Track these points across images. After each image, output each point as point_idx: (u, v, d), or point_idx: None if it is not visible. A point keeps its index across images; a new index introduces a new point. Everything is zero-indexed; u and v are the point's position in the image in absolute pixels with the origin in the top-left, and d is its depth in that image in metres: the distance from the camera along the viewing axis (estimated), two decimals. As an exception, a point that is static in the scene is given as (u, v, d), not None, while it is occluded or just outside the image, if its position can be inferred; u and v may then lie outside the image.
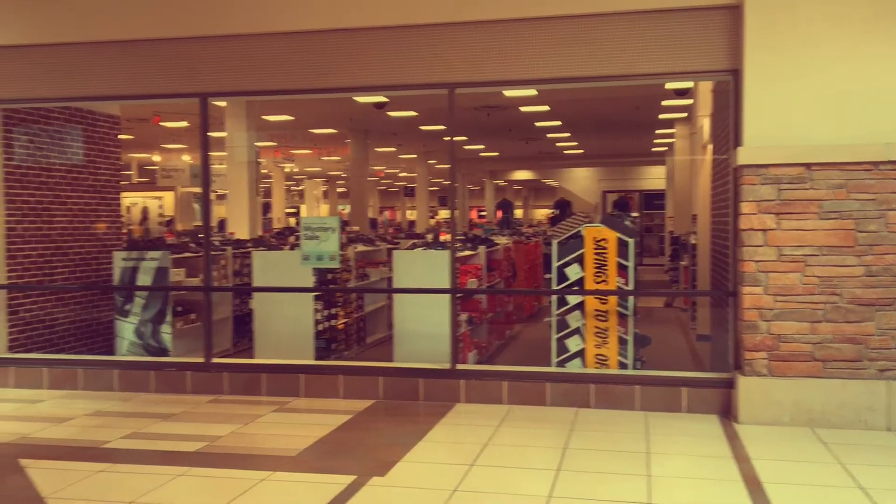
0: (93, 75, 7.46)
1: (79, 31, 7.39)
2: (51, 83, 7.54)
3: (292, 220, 34.85)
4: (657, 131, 19.77)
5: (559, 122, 18.25)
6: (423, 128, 18.78)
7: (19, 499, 4.61)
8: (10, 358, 7.81)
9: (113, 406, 6.95)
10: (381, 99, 12.81)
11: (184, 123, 16.62)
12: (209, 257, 7.75)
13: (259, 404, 6.93)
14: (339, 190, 38.88)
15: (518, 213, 38.85)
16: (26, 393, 7.46)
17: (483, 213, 38.22)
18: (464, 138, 20.46)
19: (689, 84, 11.17)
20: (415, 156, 26.71)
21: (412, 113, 15.98)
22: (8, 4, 7.47)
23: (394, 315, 7.88)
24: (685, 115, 15.82)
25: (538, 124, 18.24)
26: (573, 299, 7.21)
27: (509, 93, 12.53)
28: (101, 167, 9.24)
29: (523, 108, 15.61)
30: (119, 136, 9.55)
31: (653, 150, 23.99)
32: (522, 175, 34.06)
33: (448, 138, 7.35)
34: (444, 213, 44.46)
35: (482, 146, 23.90)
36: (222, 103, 12.04)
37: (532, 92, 10.04)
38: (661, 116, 16.70)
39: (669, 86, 11.13)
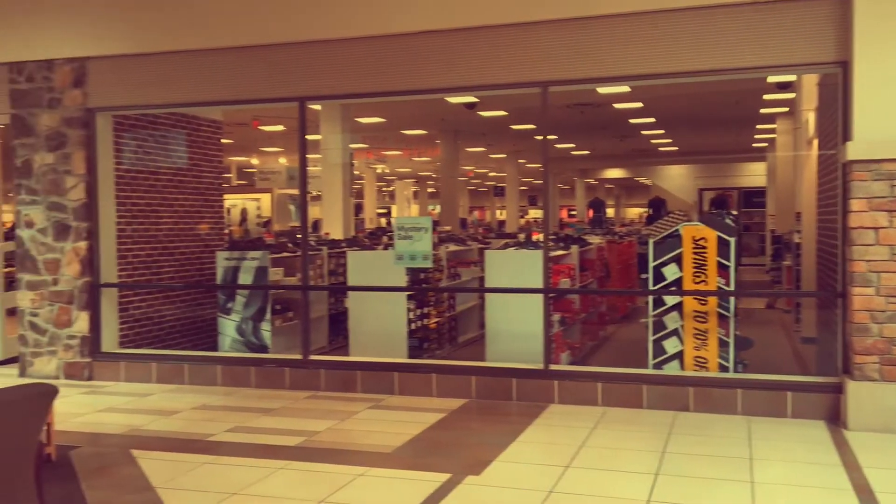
0: (197, 82, 7.76)
1: (184, 40, 7.70)
2: (158, 90, 7.88)
3: (383, 221, 35.37)
4: (757, 126, 19.10)
5: (653, 119, 17.88)
6: (513, 127, 18.72)
7: (133, 488, 4.84)
8: (122, 353, 8.20)
9: (216, 400, 7.21)
10: (472, 99, 12.84)
11: (280, 127, 17.09)
12: (306, 257, 7.94)
13: (354, 401, 7.06)
14: (429, 190, 39.23)
15: (609, 211, 38.24)
16: (136, 387, 7.82)
17: (573, 213, 37.82)
18: (554, 137, 20.29)
19: (791, 77, 10.74)
20: (504, 155, 26.67)
21: (502, 112, 15.96)
22: (118, 16, 7.85)
23: (486, 315, 7.89)
24: (787, 109, 15.23)
25: (632, 121, 17.91)
26: (671, 300, 7.04)
27: (602, 90, 12.35)
28: (205, 170, 9.61)
29: (617, 105, 15.36)
30: (221, 140, 9.92)
31: (753, 145, 23.19)
32: (614, 173, 33.50)
33: (540, 137, 7.30)
34: (534, 213, 44.24)
35: (573, 144, 23.65)
36: (318, 107, 12.32)
37: (625, 88, 9.84)
38: (762, 111, 16.13)
39: (771, 79, 10.73)
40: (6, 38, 8.12)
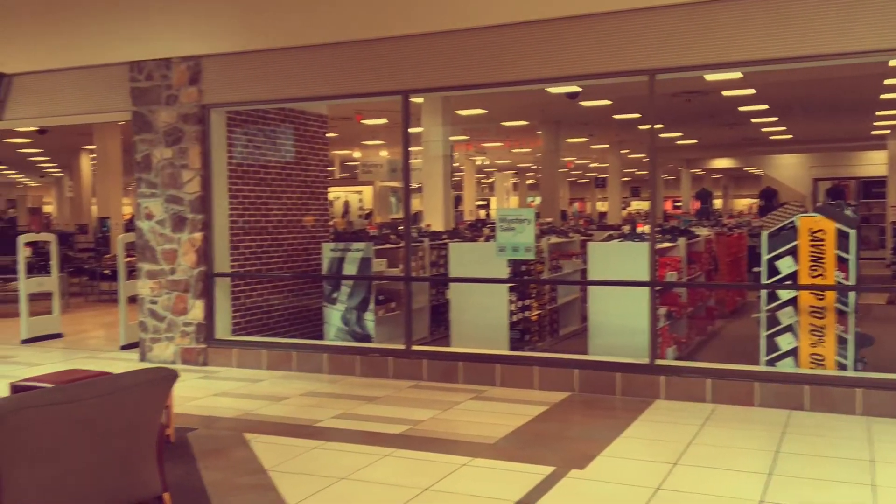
0: (304, 77, 7.96)
1: (290, 37, 7.91)
2: (266, 86, 8.12)
3: (482, 213, 35.40)
4: (877, 113, 18.05)
5: (766, 106, 17.15)
6: (616, 117, 18.36)
7: (246, 470, 5.03)
8: (234, 340, 8.53)
9: (323, 387, 7.40)
10: (575, 89, 12.65)
11: (383, 120, 17.33)
12: (409, 249, 8.03)
13: (456, 391, 7.11)
14: (529, 182, 38.99)
15: (717, 203, 37.02)
16: (247, 372, 8.12)
17: (678, 204, 36.80)
18: (660, 126, 19.78)
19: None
20: (606, 145, 26.19)
21: (606, 102, 15.66)
22: (230, 16, 8.13)
23: (588, 307, 7.78)
24: (911, 93, 14.32)
25: (742, 109, 17.25)
26: (785, 294, 6.75)
27: (711, 77, 11.92)
28: (311, 164, 9.86)
29: (726, 93, 14.81)
30: (327, 135, 10.15)
31: (872, 133, 21.93)
32: (722, 163, 32.37)
33: (646, 127, 7.12)
34: (636, 204, 43.31)
35: (679, 133, 22.99)
36: (420, 99, 12.42)
37: (736, 75, 9.48)
38: (883, 97, 15.22)
39: (894, 63, 10.10)
40: (127, 40, 8.54)
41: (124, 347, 9.40)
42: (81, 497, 3.90)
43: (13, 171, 39.37)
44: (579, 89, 12.90)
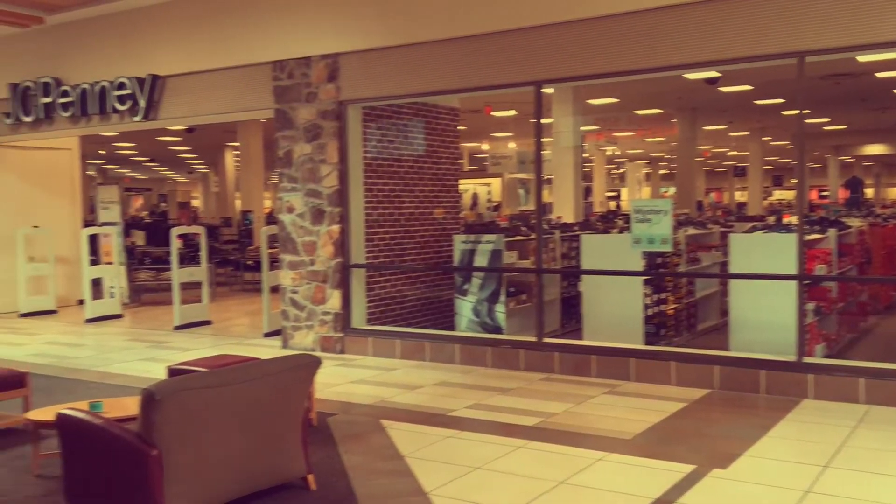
0: (435, 71, 8.04)
1: (422, 32, 8.01)
2: (401, 81, 8.27)
3: (612, 204, 34.71)
4: None
5: (925, 87, 15.90)
6: (758, 102, 17.52)
7: (384, 455, 5.16)
8: (369, 329, 8.77)
9: (455, 377, 7.48)
10: (714, 74, 12.17)
11: (512, 112, 17.30)
12: (541, 241, 7.98)
13: (589, 385, 7.01)
14: (662, 171, 37.89)
15: (868, 191, 34.68)
16: (382, 361, 8.32)
17: (825, 193, 34.76)
18: (807, 111, 18.73)
19: None
20: (747, 133, 25.07)
21: (746, 87, 14.98)
22: (366, 13, 8.33)
23: (729, 302, 7.47)
24: None
25: (897, 91, 16.08)
26: (950, 289, 6.23)
27: (863, 58, 11.16)
28: (443, 157, 9.97)
29: (879, 75, 13.84)
30: (458, 128, 10.23)
31: None
32: (875, 149, 30.26)
33: (793, 112, 6.75)
34: (779, 194, 41.26)
35: (827, 119, 21.69)
36: (550, 90, 12.31)
37: (892, 55, 8.82)
38: None
39: None
40: (270, 41, 8.92)
41: (267, 335, 9.85)
42: (232, 475, 4.12)
43: (164, 168, 42.13)
44: (719, 75, 12.40)
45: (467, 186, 24.91)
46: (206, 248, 11.79)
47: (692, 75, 11.78)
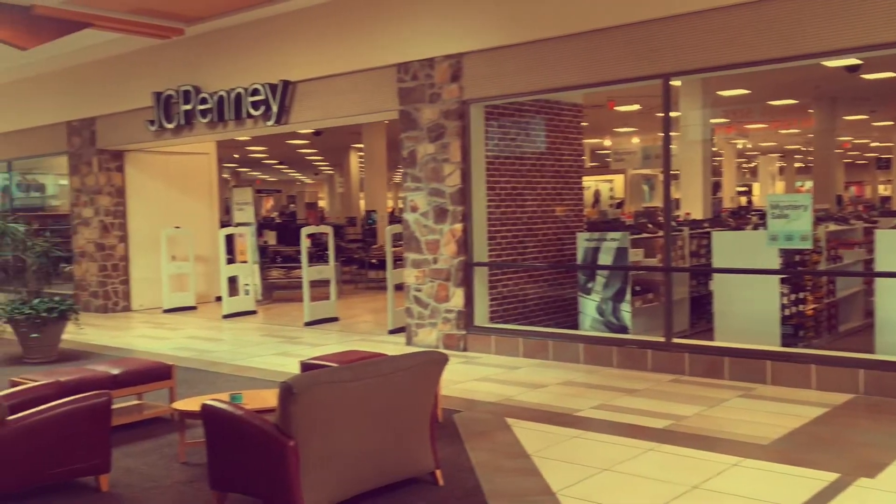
0: (559, 68, 7.96)
1: (545, 29, 7.94)
2: (523, 79, 8.24)
3: (742, 199, 33.33)
4: None
5: None
6: (904, 89, 16.35)
7: (510, 453, 5.15)
8: (492, 327, 8.78)
9: (580, 377, 7.38)
10: (855, 61, 11.46)
11: (636, 107, 16.90)
12: (669, 238, 7.75)
13: (722, 388, 6.75)
14: (797, 165, 36.04)
15: None
16: (505, 359, 8.32)
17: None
18: (958, 97, 17.34)
19: None
20: (891, 122, 23.48)
21: (891, 74, 14.01)
22: (489, 12, 8.35)
23: (875, 302, 7.02)
24: None
25: None
26: None
27: None
28: (565, 154, 9.87)
29: None
30: (581, 124, 10.09)
31: None
32: None
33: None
34: (926, 187, 38.38)
35: None
36: (677, 83, 11.95)
37: None
38: None
39: None
40: (394, 44, 9.09)
41: (391, 332, 10.05)
42: (364, 467, 4.23)
43: (292, 170, 43.77)
44: (860, 62, 11.66)
45: (588, 183, 24.58)
46: (333, 247, 12.16)
47: (831, 63, 11.14)
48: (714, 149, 24.00)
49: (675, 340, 7.54)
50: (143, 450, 5.45)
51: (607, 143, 24.39)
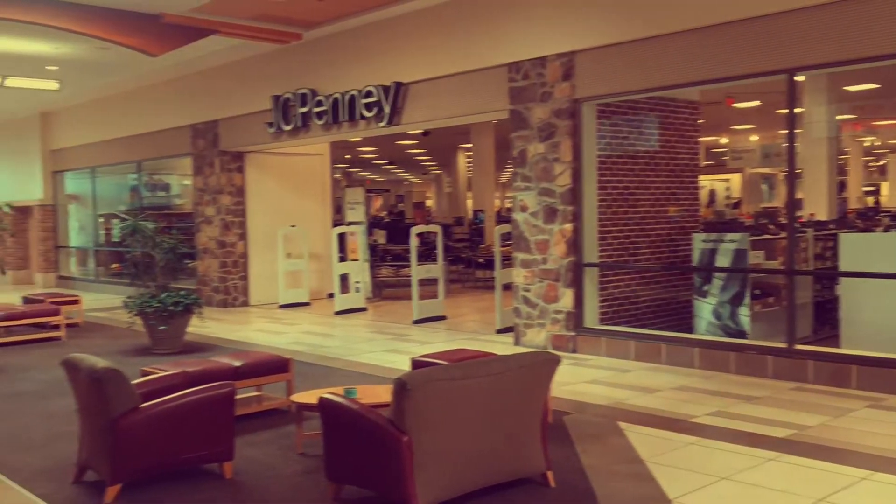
0: (675, 64, 7.74)
1: (661, 25, 7.75)
2: (637, 76, 8.06)
3: (870, 200, 31.52)
4: None
5: None
6: None
7: (623, 458, 5.05)
8: (602, 329, 8.64)
9: (695, 382, 7.16)
10: None
11: (755, 103, 16.25)
12: (792, 240, 7.42)
13: (848, 397, 6.41)
14: (932, 163, 33.72)
15: None
16: (615, 362, 8.17)
17: None
18: None
19: None
20: None
21: None
22: (601, 10, 8.22)
23: None
24: None
25: None
26: None
27: None
28: (680, 152, 9.60)
29: None
30: (697, 121, 9.79)
31: None
32: None
33: None
34: None
35: None
36: (801, 77, 11.42)
37: None
38: None
39: None
40: (505, 43, 9.09)
41: (499, 331, 10.05)
42: (475, 466, 4.24)
43: (401, 170, 44.46)
44: None
45: (703, 182, 23.82)
46: (441, 246, 12.27)
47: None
48: (840, 147, 22.82)
49: (799, 347, 7.21)
50: (263, 440, 5.65)
51: (724, 140, 23.57)
